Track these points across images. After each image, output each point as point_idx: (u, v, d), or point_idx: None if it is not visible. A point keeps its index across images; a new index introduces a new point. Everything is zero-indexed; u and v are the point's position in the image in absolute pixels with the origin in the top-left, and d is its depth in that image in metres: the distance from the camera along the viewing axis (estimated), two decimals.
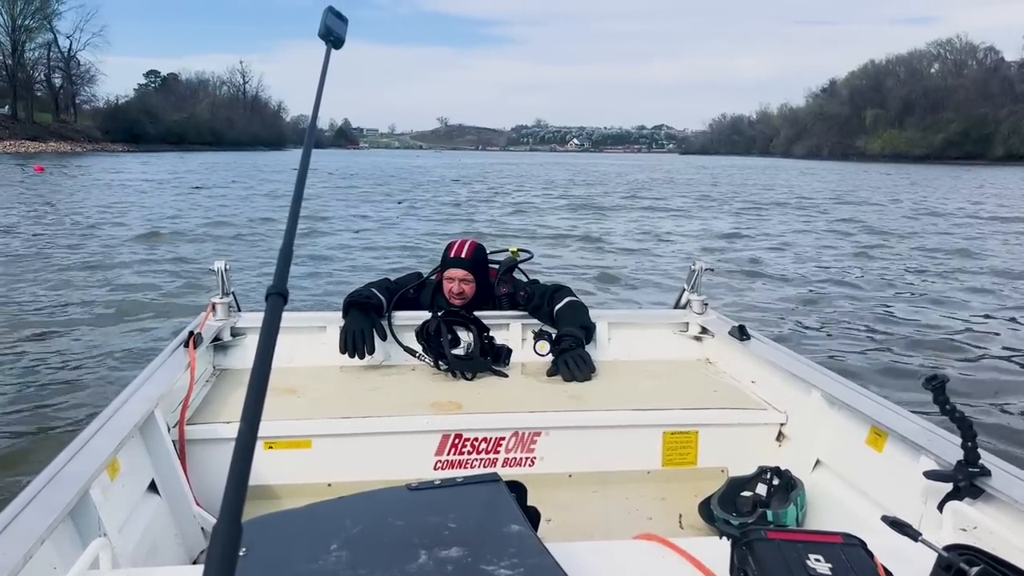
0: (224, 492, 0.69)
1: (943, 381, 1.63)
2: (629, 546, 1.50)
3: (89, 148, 77.38)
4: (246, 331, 3.11)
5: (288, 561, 1.21)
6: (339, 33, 1.25)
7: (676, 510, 2.45)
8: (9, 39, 79.46)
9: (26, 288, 8.93)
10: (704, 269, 3.44)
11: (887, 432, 2.08)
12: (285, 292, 0.91)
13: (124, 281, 9.74)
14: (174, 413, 2.38)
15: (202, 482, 2.27)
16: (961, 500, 1.71)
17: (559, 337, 3.03)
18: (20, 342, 6.57)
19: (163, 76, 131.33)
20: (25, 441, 4.50)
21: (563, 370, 2.90)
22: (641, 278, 10.73)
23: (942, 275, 11.44)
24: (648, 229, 17.22)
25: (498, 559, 1.20)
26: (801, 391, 2.55)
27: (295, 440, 2.43)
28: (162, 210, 19.57)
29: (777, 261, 12.54)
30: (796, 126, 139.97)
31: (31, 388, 5.37)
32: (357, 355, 2.92)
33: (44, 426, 4.71)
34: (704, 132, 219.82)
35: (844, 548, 1.26)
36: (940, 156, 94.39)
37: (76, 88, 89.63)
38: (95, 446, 1.78)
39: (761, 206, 24.04)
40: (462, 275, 3.16)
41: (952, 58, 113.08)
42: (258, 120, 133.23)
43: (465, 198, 26.49)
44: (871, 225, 18.41)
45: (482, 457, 2.54)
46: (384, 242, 14.33)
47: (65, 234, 14.09)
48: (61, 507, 1.49)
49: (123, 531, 1.79)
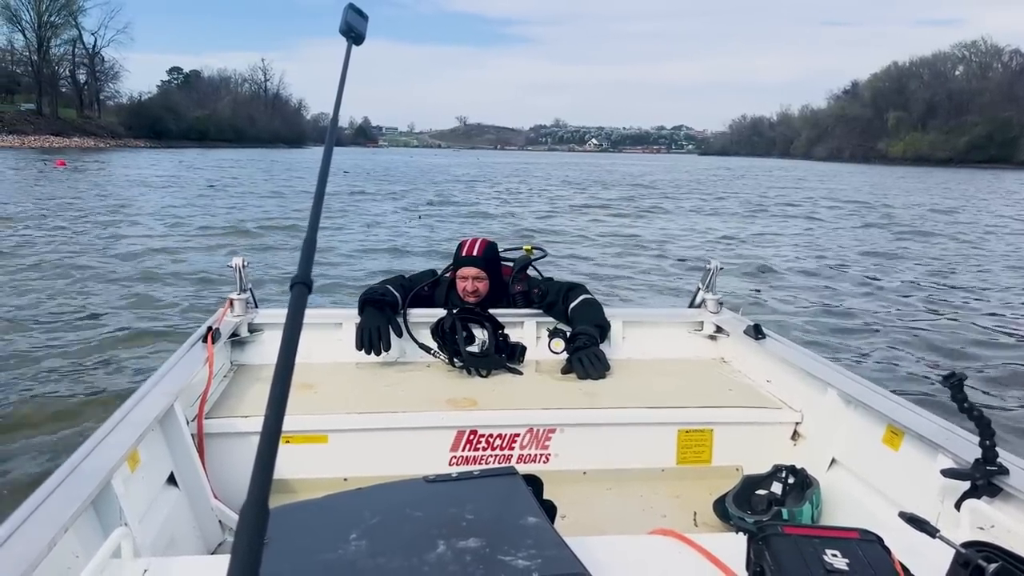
0: (251, 476, 0.70)
1: (961, 379, 1.62)
2: (645, 541, 1.50)
3: (112, 144, 78.14)
4: (263, 327, 3.14)
5: (308, 549, 1.23)
6: (360, 30, 1.27)
7: (691, 508, 2.45)
8: (35, 35, 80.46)
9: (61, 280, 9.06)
10: (719, 268, 3.44)
11: (904, 431, 2.07)
12: (309, 281, 0.92)
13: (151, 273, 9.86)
14: (193, 407, 2.41)
15: (220, 475, 2.30)
16: (979, 498, 1.70)
17: (574, 335, 3.04)
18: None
19: (186, 73, 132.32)
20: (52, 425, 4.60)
21: (577, 368, 2.91)
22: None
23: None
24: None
25: (516, 550, 1.21)
26: (817, 390, 2.54)
27: (312, 435, 2.46)
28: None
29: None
30: (817, 128, 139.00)
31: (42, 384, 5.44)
32: (373, 352, 2.93)
33: (67, 414, 4.82)
34: (724, 133, 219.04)
35: (861, 544, 1.26)
36: (963, 160, 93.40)
37: (100, 84, 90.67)
38: (116, 438, 1.80)
39: (830, 217, 22.36)
40: (475, 273, 3.17)
41: (977, 60, 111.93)
42: (279, 118, 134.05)
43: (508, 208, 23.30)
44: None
45: (497, 453, 2.56)
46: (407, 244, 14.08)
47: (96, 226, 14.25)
48: (84, 497, 1.51)
49: (143, 522, 1.81)
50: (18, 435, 4.47)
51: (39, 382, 5.42)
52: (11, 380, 5.41)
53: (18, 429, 4.56)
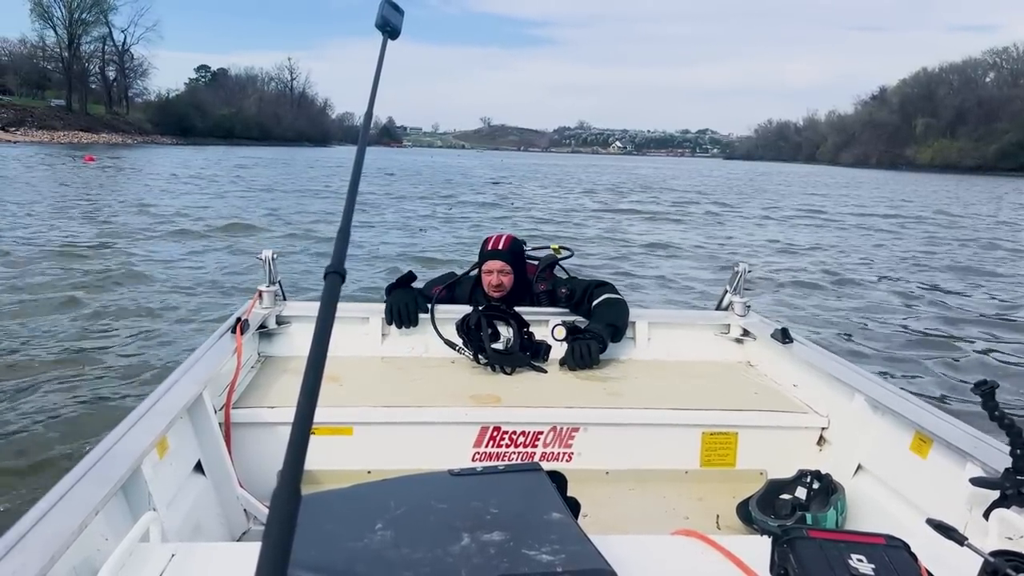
0: (283, 461, 0.71)
1: (992, 387, 1.61)
2: (668, 541, 1.50)
3: (140, 140, 79.21)
4: (291, 319, 3.16)
5: (335, 537, 1.24)
6: (395, 24, 1.28)
7: (714, 510, 2.44)
8: (66, 32, 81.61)
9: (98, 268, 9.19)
10: (747, 271, 3.42)
11: (932, 438, 2.05)
12: (343, 271, 0.93)
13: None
14: (220, 397, 2.43)
15: (245, 465, 2.32)
16: (1008, 508, 1.67)
17: (584, 331, 3.05)
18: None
19: (213, 71, 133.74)
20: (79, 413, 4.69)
21: (568, 358, 2.97)
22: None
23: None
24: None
25: (539, 544, 1.21)
26: (844, 395, 2.52)
27: (337, 427, 2.48)
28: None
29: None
30: (844, 133, 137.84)
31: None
32: (404, 325, 3.10)
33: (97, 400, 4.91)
34: (749, 137, 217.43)
35: (887, 549, 1.25)
36: (993, 168, 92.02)
37: (129, 81, 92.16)
38: (146, 424, 1.83)
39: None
40: (500, 267, 3.20)
41: (1008, 67, 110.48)
42: (304, 117, 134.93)
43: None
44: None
45: (520, 451, 2.56)
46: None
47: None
48: (114, 481, 1.53)
49: (171, 507, 1.84)
50: (50, 419, 4.55)
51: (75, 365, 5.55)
52: (49, 366, 5.52)
53: (49, 412, 4.65)
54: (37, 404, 4.76)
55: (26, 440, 4.23)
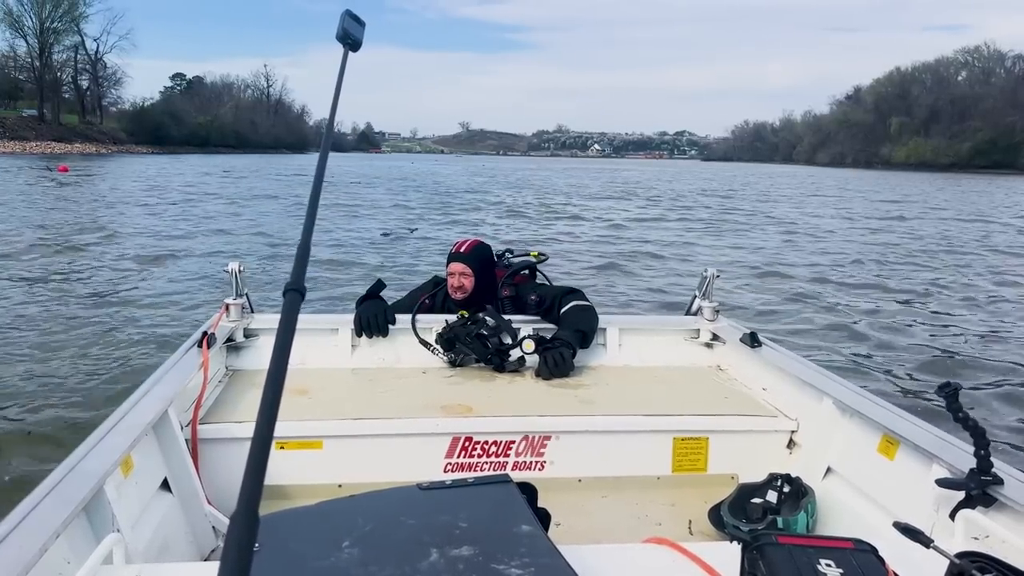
0: (241, 483, 0.70)
1: (956, 388, 1.62)
2: (639, 550, 1.50)
3: (114, 149, 78.40)
4: (259, 332, 3.13)
5: (300, 557, 1.23)
6: (356, 36, 1.26)
7: (686, 516, 2.44)
8: (37, 41, 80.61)
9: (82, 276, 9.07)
10: (715, 276, 3.43)
11: (899, 440, 2.07)
12: (303, 288, 0.92)
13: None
14: (187, 412, 2.40)
15: (214, 481, 2.29)
16: (973, 508, 1.70)
17: (552, 339, 3.04)
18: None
19: (188, 79, 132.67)
20: (46, 430, 4.59)
21: (541, 368, 2.96)
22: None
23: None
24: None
25: (509, 559, 1.20)
26: (813, 398, 2.54)
27: (306, 441, 2.45)
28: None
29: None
30: (820, 133, 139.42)
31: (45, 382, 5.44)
32: (374, 335, 3.11)
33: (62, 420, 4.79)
34: (726, 139, 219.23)
35: (855, 554, 1.26)
36: (967, 165, 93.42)
37: (102, 90, 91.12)
38: (109, 443, 1.80)
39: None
40: (461, 269, 3.25)
41: (980, 66, 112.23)
42: (281, 123, 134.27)
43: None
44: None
45: (492, 460, 2.56)
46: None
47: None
48: (76, 502, 1.50)
49: (136, 528, 1.81)
50: (12, 439, 4.45)
51: (36, 383, 5.43)
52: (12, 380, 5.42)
53: (11, 433, 4.55)
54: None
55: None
